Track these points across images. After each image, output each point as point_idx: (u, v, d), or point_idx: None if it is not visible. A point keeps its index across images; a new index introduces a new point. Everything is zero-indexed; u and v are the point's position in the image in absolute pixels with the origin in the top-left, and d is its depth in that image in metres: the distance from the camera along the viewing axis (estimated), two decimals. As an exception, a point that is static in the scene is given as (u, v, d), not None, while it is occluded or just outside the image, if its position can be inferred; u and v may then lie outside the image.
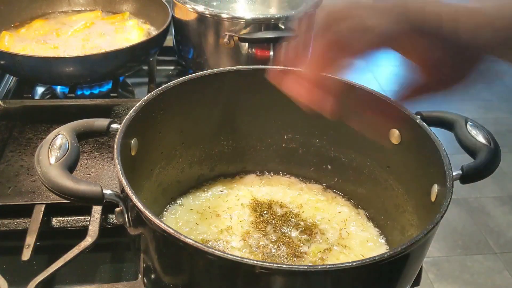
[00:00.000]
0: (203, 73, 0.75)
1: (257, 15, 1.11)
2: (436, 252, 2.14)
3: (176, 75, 1.33)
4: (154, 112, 0.71)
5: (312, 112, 0.58)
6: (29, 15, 1.30)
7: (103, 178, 0.83)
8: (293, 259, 0.72)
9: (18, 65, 1.03)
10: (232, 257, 0.48)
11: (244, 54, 1.14)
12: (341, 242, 0.76)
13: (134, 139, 0.67)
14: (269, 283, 0.50)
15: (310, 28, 1.19)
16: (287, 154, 0.87)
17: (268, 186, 0.86)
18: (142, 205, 0.53)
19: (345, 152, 0.83)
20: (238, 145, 0.86)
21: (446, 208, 0.56)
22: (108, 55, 1.04)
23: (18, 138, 0.91)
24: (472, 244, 2.21)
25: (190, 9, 1.12)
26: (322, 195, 0.85)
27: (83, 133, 0.64)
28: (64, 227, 0.78)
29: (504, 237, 2.26)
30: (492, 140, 0.68)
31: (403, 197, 0.74)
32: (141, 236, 0.57)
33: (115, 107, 1.02)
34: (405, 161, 0.73)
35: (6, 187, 0.79)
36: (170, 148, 0.79)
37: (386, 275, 0.54)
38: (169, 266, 0.57)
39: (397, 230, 0.75)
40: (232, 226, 0.77)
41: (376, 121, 0.75)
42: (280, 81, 0.61)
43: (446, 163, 0.62)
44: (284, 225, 0.77)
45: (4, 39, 1.17)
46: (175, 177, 0.81)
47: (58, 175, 0.56)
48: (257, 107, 0.82)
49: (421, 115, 0.71)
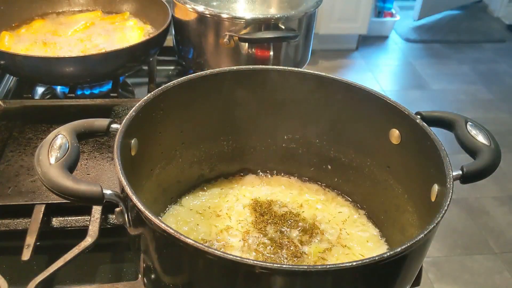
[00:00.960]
0: (203, 73, 0.75)
1: (257, 15, 1.11)
2: (436, 252, 2.14)
3: (176, 75, 1.33)
4: (154, 112, 0.71)
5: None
6: (29, 15, 1.30)
7: (103, 178, 0.83)
8: (293, 259, 0.72)
9: (18, 65, 1.03)
10: (232, 257, 0.48)
11: (244, 54, 1.14)
12: (341, 242, 0.76)
13: (134, 139, 0.67)
14: (269, 283, 0.50)
15: (310, 28, 1.19)
16: (287, 154, 0.87)
17: (268, 186, 0.86)
18: (142, 205, 0.53)
19: (345, 152, 0.83)
20: (238, 145, 0.86)
21: (446, 208, 0.56)
22: (108, 55, 1.04)
23: (18, 138, 0.91)
24: (472, 244, 2.21)
25: (190, 9, 1.12)
26: (322, 195, 0.85)
27: (83, 133, 0.64)
28: (64, 227, 0.78)
29: (504, 237, 2.26)
30: (492, 140, 0.68)
31: (403, 197, 0.74)
32: (141, 236, 0.57)
33: (115, 107, 1.02)
34: (405, 161, 0.73)
35: (6, 187, 0.79)
36: (170, 148, 0.79)
37: (386, 275, 0.54)
38: (169, 266, 0.57)
39: (397, 230, 0.75)
40: (232, 226, 0.77)
41: (376, 121, 0.76)
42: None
43: (446, 163, 0.62)
44: (284, 225, 0.77)
45: (4, 39, 1.17)
46: (175, 177, 0.81)
47: (58, 175, 0.56)
48: (257, 107, 0.82)
49: (421, 115, 0.71)
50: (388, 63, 3.64)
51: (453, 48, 3.89)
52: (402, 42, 3.93)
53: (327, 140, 0.84)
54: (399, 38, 3.97)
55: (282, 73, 0.79)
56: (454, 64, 3.67)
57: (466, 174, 0.64)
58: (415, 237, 0.52)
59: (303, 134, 0.85)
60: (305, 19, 1.15)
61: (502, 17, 4.37)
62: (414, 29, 4.10)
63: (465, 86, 3.40)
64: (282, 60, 1.16)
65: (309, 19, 1.16)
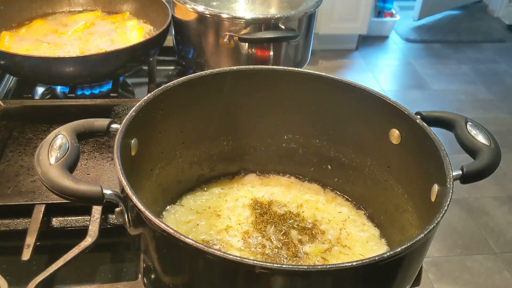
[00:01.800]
0: (203, 73, 0.75)
1: (257, 15, 1.11)
2: (436, 252, 2.14)
3: (176, 75, 1.33)
4: (154, 112, 0.71)
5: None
6: (29, 15, 1.30)
7: (103, 178, 0.83)
8: (293, 259, 0.72)
9: (18, 65, 1.03)
10: (232, 257, 0.48)
11: (244, 54, 1.14)
12: (341, 242, 0.76)
13: (134, 139, 0.67)
14: (269, 283, 0.50)
15: (310, 28, 1.19)
16: (287, 154, 0.87)
17: (268, 186, 0.86)
18: (142, 205, 0.53)
19: (345, 152, 0.83)
20: (238, 145, 0.86)
21: (446, 208, 0.56)
22: (108, 55, 1.04)
23: (18, 138, 0.91)
24: (472, 244, 2.20)
25: (190, 9, 1.12)
26: (322, 195, 0.85)
27: (83, 133, 0.64)
28: (64, 227, 0.78)
29: (504, 237, 2.26)
30: (492, 140, 0.68)
31: (403, 197, 0.74)
32: (141, 236, 0.57)
33: (115, 107, 1.02)
34: (405, 161, 0.73)
35: (6, 187, 0.79)
36: (170, 148, 0.79)
37: (386, 275, 0.54)
38: (169, 266, 0.57)
39: (397, 230, 0.75)
40: (232, 226, 0.77)
41: (376, 121, 0.76)
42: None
43: (446, 163, 0.62)
44: (284, 225, 0.77)
45: (4, 39, 1.17)
46: (175, 177, 0.81)
47: (58, 175, 0.56)
48: (257, 107, 0.82)
49: (421, 115, 0.71)
50: (388, 63, 3.64)
51: (453, 48, 3.89)
52: (402, 42, 3.93)
53: (327, 140, 0.84)
54: (399, 38, 3.97)
55: (282, 73, 0.79)
56: (454, 64, 3.67)
57: (466, 174, 0.64)
58: (415, 237, 0.52)
59: (303, 134, 0.85)
60: (305, 19, 1.15)
61: (502, 17, 4.37)
62: (414, 29, 4.10)
63: (465, 86, 3.40)
64: (282, 60, 1.16)
65: (309, 19, 1.16)
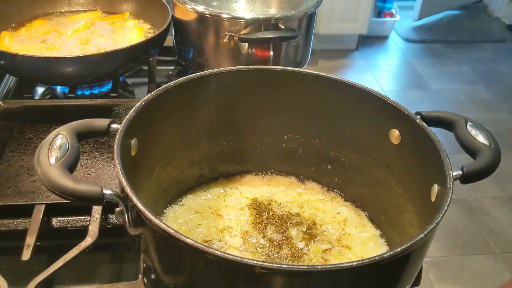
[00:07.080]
0: (203, 73, 0.75)
1: (257, 15, 1.11)
2: (436, 252, 2.14)
3: (176, 75, 1.33)
4: (154, 112, 0.71)
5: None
6: (29, 15, 1.30)
7: (103, 178, 0.83)
8: (293, 259, 0.72)
9: (18, 65, 1.03)
10: (232, 257, 0.48)
11: (244, 54, 1.14)
12: (341, 242, 0.76)
13: (134, 139, 0.67)
14: (269, 283, 0.50)
15: (310, 28, 1.19)
16: (287, 154, 0.87)
17: (268, 186, 0.86)
18: (142, 205, 0.53)
19: (345, 152, 0.83)
20: (238, 145, 0.86)
21: (446, 208, 0.56)
22: (108, 55, 1.04)
23: (18, 138, 0.91)
24: (472, 244, 2.20)
25: (190, 9, 1.12)
26: (322, 195, 0.85)
27: (83, 133, 0.64)
28: (64, 227, 0.78)
29: (504, 237, 2.25)
30: (492, 140, 0.68)
31: (403, 197, 0.74)
32: (141, 236, 0.57)
33: (115, 107, 1.02)
34: (405, 161, 0.73)
35: (6, 187, 0.79)
36: (170, 148, 0.79)
37: (386, 275, 0.54)
38: (169, 266, 0.57)
39: (397, 230, 0.75)
40: (232, 226, 0.77)
41: (376, 121, 0.76)
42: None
43: (446, 163, 0.62)
44: (284, 225, 0.77)
45: (4, 39, 1.17)
46: (175, 177, 0.81)
47: (58, 175, 0.56)
48: (257, 107, 0.82)
49: (421, 115, 0.71)
50: (388, 63, 3.64)
51: (453, 48, 3.89)
52: (402, 42, 3.93)
53: (327, 140, 0.84)
54: (399, 38, 3.97)
55: (282, 73, 0.79)
56: (454, 64, 3.67)
57: (466, 174, 0.64)
58: (415, 237, 0.52)
59: (303, 134, 0.85)
60: (305, 19, 1.15)
61: (502, 17, 4.37)
62: (414, 29, 4.10)
63: (465, 86, 3.40)
64: (282, 60, 1.16)
65: (309, 19, 1.16)
